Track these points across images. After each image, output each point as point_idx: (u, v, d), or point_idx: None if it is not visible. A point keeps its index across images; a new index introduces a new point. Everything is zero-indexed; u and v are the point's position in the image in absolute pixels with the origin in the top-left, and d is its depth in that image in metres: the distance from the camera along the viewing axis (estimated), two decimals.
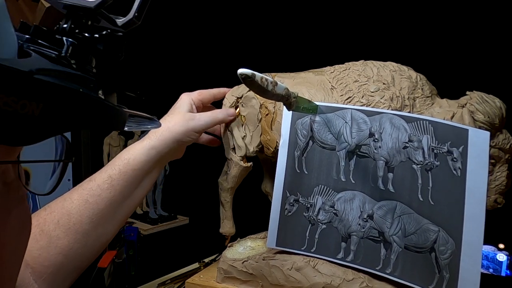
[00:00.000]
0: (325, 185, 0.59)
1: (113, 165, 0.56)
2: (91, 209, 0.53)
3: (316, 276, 0.57)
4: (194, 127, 0.60)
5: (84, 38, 0.29)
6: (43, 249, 0.49)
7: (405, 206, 0.54)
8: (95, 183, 0.54)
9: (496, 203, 0.56)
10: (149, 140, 0.59)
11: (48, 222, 0.51)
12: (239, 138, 0.67)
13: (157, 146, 0.58)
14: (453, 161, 0.52)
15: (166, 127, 0.59)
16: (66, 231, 0.51)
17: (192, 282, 0.66)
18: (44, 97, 0.21)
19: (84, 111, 0.24)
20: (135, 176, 0.56)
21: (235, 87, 0.70)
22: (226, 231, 0.73)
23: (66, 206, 0.52)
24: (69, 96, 0.23)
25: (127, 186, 0.56)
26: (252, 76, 0.45)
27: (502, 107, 0.55)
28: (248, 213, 0.94)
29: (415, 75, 0.60)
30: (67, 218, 0.51)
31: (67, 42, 0.28)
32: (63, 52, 0.27)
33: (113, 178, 0.55)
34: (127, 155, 0.57)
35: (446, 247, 0.51)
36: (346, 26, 1.25)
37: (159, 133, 0.59)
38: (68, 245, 0.50)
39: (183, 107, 0.63)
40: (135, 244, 1.34)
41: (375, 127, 0.56)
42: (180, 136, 0.59)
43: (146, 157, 0.57)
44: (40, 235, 0.50)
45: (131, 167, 0.56)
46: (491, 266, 0.90)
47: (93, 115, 0.25)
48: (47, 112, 0.21)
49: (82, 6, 0.29)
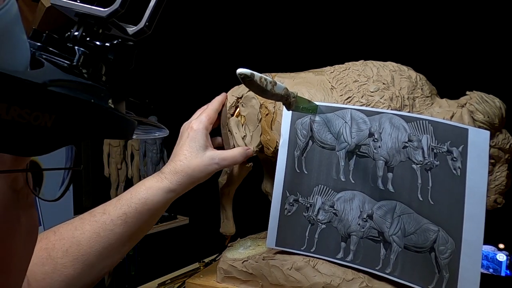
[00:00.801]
0: (324, 185, 0.59)
1: (129, 201, 0.55)
2: (102, 242, 0.52)
3: (316, 276, 0.57)
4: (213, 171, 0.60)
5: (95, 46, 0.29)
6: (47, 275, 0.49)
7: (404, 206, 0.54)
8: (109, 217, 0.54)
9: (496, 203, 0.56)
10: (168, 182, 0.58)
11: (57, 248, 0.50)
12: (239, 138, 0.67)
13: (176, 189, 0.58)
14: (453, 161, 0.52)
15: (185, 173, 0.58)
16: (73, 261, 0.50)
17: (193, 282, 0.66)
18: (56, 108, 0.21)
19: (95, 121, 0.24)
20: (150, 215, 0.56)
21: (236, 87, 0.70)
22: (226, 231, 0.73)
23: (76, 235, 0.52)
24: (81, 107, 0.23)
25: (141, 224, 0.56)
26: (251, 76, 0.45)
27: (502, 107, 0.55)
28: (248, 213, 0.94)
29: (414, 75, 0.60)
30: (76, 248, 0.51)
31: (79, 52, 0.28)
32: (75, 61, 0.28)
33: (128, 216, 0.54)
34: (145, 195, 0.56)
35: (446, 247, 0.51)
36: (346, 26, 1.25)
37: (178, 177, 0.58)
38: (73, 275, 0.50)
39: (200, 145, 0.60)
40: None
41: (375, 127, 0.56)
42: (199, 180, 0.60)
43: (164, 200, 0.57)
44: (47, 259, 0.49)
45: (148, 207, 0.56)
46: (491, 266, 0.90)
47: (103, 125, 0.25)
48: (59, 123, 0.21)
49: (94, 15, 0.29)
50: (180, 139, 0.63)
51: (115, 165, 1.76)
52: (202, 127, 0.62)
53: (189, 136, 0.61)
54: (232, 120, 0.68)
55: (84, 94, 0.24)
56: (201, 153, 0.60)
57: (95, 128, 0.24)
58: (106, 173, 1.76)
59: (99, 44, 0.30)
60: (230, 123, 0.68)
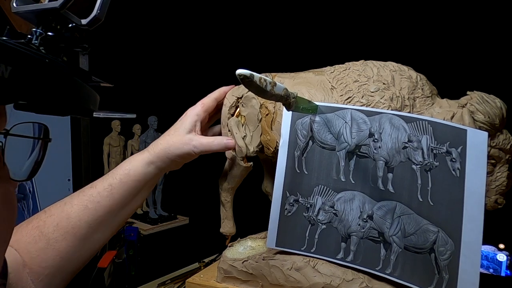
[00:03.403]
0: (325, 185, 0.59)
1: (114, 174, 0.58)
2: (90, 215, 0.54)
3: (316, 276, 0.57)
4: (189, 151, 0.62)
5: (53, 36, 0.32)
6: (41, 251, 0.50)
7: (404, 207, 0.54)
8: (96, 190, 0.56)
9: (497, 203, 0.56)
10: (148, 154, 0.61)
11: (48, 224, 0.52)
12: (239, 138, 0.67)
13: (155, 161, 0.61)
14: (452, 162, 0.52)
15: (163, 147, 0.62)
16: (64, 234, 0.52)
17: (193, 282, 0.66)
18: (12, 60, 0.24)
19: (52, 82, 0.27)
20: (134, 186, 0.59)
21: (235, 87, 0.70)
22: (227, 231, 0.73)
23: (65, 210, 0.54)
24: (37, 64, 0.26)
25: (126, 196, 0.58)
26: (251, 76, 0.45)
27: (503, 107, 0.55)
28: (248, 213, 0.94)
29: (415, 75, 0.60)
30: (66, 221, 0.53)
31: (36, 33, 0.31)
32: (34, 40, 0.31)
33: (113, 187, 0.57)
34: (128, 166, 0.59)
35: (446, 248, 0.51)
36: (346, 26, 1.25)
37: (157, 149, 0.61)
38: (66, 248, 0.52)
39: (185, 126, 0.64)
40: (135, 244, 1.34)
41: (375, 127, 0.56)
42: (175, 157, 0.62)
43: (145, 170, 0.60)
44: (39, 236, 0.51)
45: (131, 178, 0.59)
46: (491, 266, 0.90)
47: (62, 88, 0.28)
48: (16, 75, 0.24)
49: (50, 8, 0.32)
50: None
51: (115, 165, 1.76)
52: (194, 113, 0.65)
53: (181, 120, 0.65)
54: (232, 120, 0.67)
55: (39, 55, 0.27)
56: (182, 133, 0.63)
57: (53, 89, 0.27)
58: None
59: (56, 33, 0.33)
60: (230, 123, 0.68)
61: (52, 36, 0.32)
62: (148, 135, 1.74)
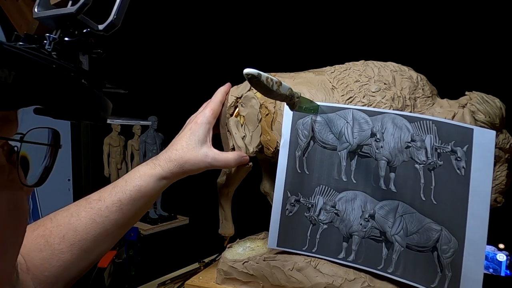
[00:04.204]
0: (326, 185, 0.59)
1: (124, 189, 0.57)
2: (98, 228, 0.54)
3: (318, 276, 0.57)
4: (204, 168, 0.61)
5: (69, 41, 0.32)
6: (45, 260, 0.50)
7: (407, 206, 0.54)
8: (104, 204, 0.55)
9: (496, 202, 0.57)
10: (161, 169, 0.59)
11: (54, 235, 0.52)
12: (239, 138, 0.66)
13: (168, 177, 0.59)
14: (457, 161, 0.52)
15: (178, 163, 0.59)
16: (70, 247, 0.52)
17: (192, 284, 0.66)
18: (16, 66, 0.23)
19: (59, 86, 0.26)
20: (144, 202, 0.58)
21: (235, 87, 0.69)
22: (225, 231, 0.73)
23: (73, 222, 0.53)
24: (41, 69, 0.25)
25: (135, 211, 0.57)
26: (258, 76, 0.45)
27: (502, 107, 0.56)
28: (247, 214, 0.94)
29: (415, 75, 0.60)
30: (72, 234, 0.52)
31: (49, 38, 0.31)
32: (47, 45, 0.30)
33: (122, 203, 0.56)
34: (139, 182, 0.57)
35: (449, 246, 0.51)
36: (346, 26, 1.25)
37: (171, 166, 0.59)
38: (70, 260, 0.52)
39: (198, 138, 0.62)
40: (135, 244, 1.34)
41: (377, 127, 0.56)
42: (189, 173, 0.61)
43: (157, 187, 0.59)
44: (45, 245, 0.50)
45: (141, 194, 0.57)
46: (491, 266, 0.90)
47: (69, 93, 0.27)
48: (20, 81, 0.23)
49: (66, 14, 0.32)
50: (182, 130, 0.65)
51: (115, 165, 1.76)
52: (205, 121, 0.63)
53: (191, 129, 0.63)
54: (232, 120, 0.67)
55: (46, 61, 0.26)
56: (197, 147, 0.61)
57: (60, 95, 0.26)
58: (106, 173, 1.76)
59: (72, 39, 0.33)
60: (230, 123, 0.67)
61: (67, 41, 0.32)
62: (148, 135, 1.73)
